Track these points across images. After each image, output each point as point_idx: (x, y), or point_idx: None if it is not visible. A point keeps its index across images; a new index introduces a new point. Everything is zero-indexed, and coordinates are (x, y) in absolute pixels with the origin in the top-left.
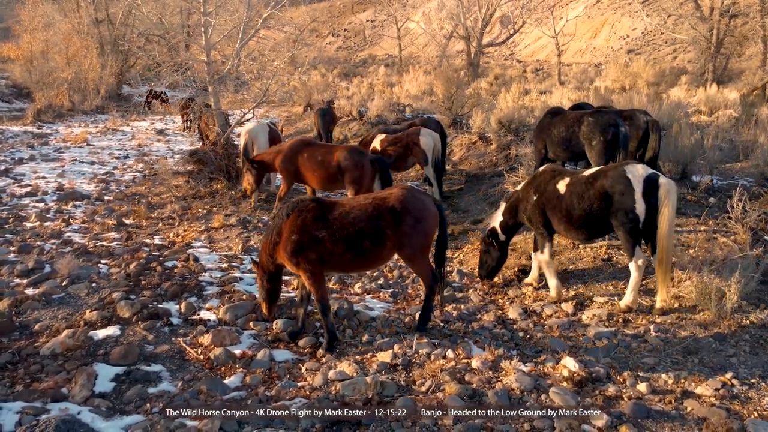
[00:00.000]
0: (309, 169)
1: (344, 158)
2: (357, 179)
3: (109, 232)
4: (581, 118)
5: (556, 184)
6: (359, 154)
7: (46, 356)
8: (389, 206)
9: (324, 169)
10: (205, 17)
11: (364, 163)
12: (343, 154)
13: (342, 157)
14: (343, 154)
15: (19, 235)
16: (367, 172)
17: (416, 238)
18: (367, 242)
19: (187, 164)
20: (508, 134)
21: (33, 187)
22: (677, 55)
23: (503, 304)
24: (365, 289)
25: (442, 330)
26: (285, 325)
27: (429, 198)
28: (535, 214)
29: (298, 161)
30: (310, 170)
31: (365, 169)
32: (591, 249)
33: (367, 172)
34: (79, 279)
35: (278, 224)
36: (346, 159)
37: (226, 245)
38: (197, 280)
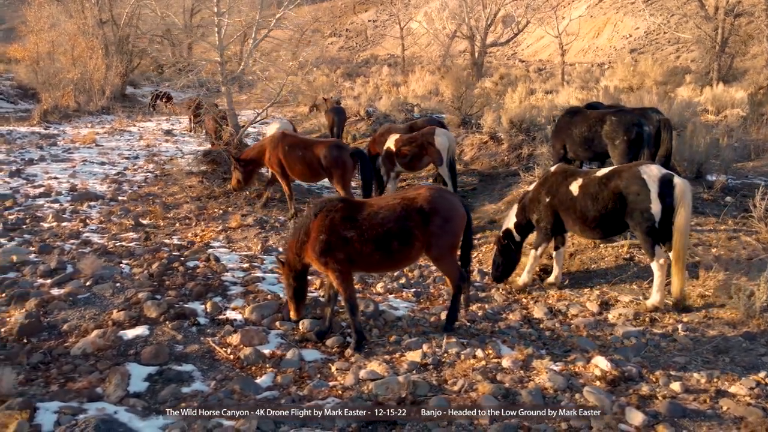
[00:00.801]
0: (290, 162)
1: (324, 153)
2: (338, 173)
3: (127, 232)
4: (604, 118)
5: (568, 186)
6: (339, 148)
7: (78, 356)
8: (417, 206)
9: (305, 163)
10: (219, 17)
11: (345, 158)
12: (324, 149)
13: (322, 152)
14: (324, 149)
15: (37, 236)
16: (348, 166)
17: (444, 238)
18: (396, 242)
19: (200, 164)
20: (519, 134)
21: (46, 188)
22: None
23: (527, 304)
24: (387, 288)
25: (468, 329)
26: (311, 325)
27: (456, 198)
28: (546, 215)
29: (280, 154)
30: (290, 164)
31: (346, 163)
32: (612, 248)
33: (348, 166)
34: (103, 279)
35: (306, 224)
36: (327, 154)
37: (244, 245)
38: (220, 280)
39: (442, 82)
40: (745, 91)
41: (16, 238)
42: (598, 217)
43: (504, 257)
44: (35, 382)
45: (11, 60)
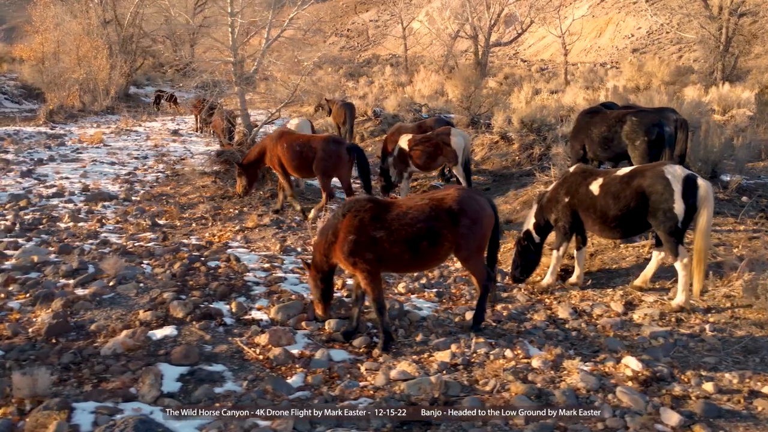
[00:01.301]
0: (288, 158)
1: (321, 147)
2: (334, 167)
3: (144, 232)
4: (623, 118)
5: (588, 186)
6: (336, 143)
7: (108, 356)
8: (447, 207)
9: (303, 158)
10: (232, 18)
11: (341, 152)
12: (321, 143)
13: (320, 146)
14: (321, 144)
15: (55, 236)
16: (344, 161)
17: (473, 238)
18: (425, 243)
19: (213, 164)
20: (530, 134)
21: (59, 188)
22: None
23: (551, 304)
24: (409, 288)
25: (494, 329)
26: (337, 325)
27: (484, 198)
28: (564, 215)
29: (279, 151)
30: (289, 160)
31: (342, 157)
32: (633, 248)
33: (344, 161)
34: (126, 279)
35: (334, 224)
36: (324, 148)
37: (263, 245)
38: (243, 280)
39: (448, 82)
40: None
41: (34, 238)
42: (619, 216)
43: (524, 258)
44: (68, 382)
45: (14, 59)
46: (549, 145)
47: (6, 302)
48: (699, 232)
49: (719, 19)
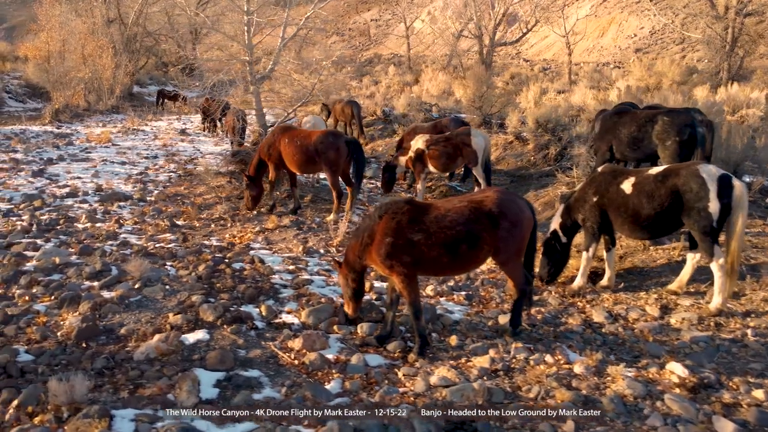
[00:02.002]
0: (289, 153)
1: (320, 141)
2: (333, 160)
3: (164, 233)
4: (654, 118)
5: (619, 185)
6: (335, 136)
7: (142, 361)
8: (486, 210)
9: (302, 152)
10: (249, 16)
11: (340, 145)
12: (320, 136)
13: (319, 139)
14: (320, 137)
15: (73, 237)
16: (342, 153)
17: (512, 242)
18: (464, 246)
19: (228, 164)
20: (545, 134)
21: (72, 188)
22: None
23: (584, 307)
24: (438, 291)
25: (530, 334)
26: (370, 329)
27: (524, 201)
28: (593, 214)
29: (280, 147)
30: (289, 155)
31: (341, 150)
32: (663, 250)
33: (342, 153)
34: (151, 282)
35: (370, 226)
36: (323, 141)
37: (285, 247)
38: (270, 283)
39: (455, 82)
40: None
41: (53, 239)
42: (652, 215)
43: (551, 258)
44: (104, 388)
45: (18, 58)
46: (565, 145)
47: (31, 305)
48: (734, 234)
49: (725, 19)
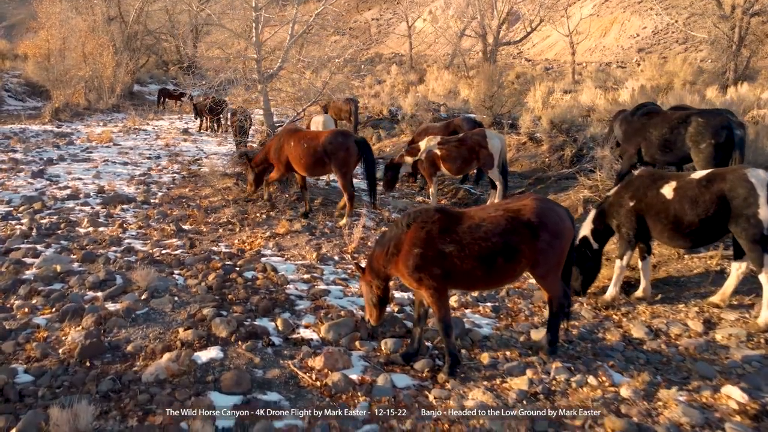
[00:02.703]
0: (296, 156)
1: (329, 141)
2: (343, 161)
3: (170, 238)
4: (688, 119)
5: (659, 189)
6: (344, 135)
7: (152, 383)
8: (525, 220)
9: (311, 154)
10: (257, 12)
11: (349, 145)
12: (329, 137)
13: (327, 140)
14: (329, 137)
15: (75, 242)
16: (353, 153)
17: (552, 254)
18: (501, 259)
19: (235, 165)
20: (559, 134)
21: (73, 189)
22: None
23: (620, 321)
24: (461, 302)
25: (567, 350)
26: (395, 346)
27: (563, 209)
28: (629, 221)
29: (286, 149)
30: (297, 157)
31: (350, 150)
32: (700, 259)
33: (353, 153)
34: (159, 292)
35: (397, 235)
36: (332, 141)
37: (297, 253)
38: (285, 294)
39: (461, 81)
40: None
41: (53, 244)
42: (695, 222)
43: (582, 268)
44: (110, 414)
45: (17, 56)
46: (581, 146)
47: (31, 318)
48: None
49: (732, 18)
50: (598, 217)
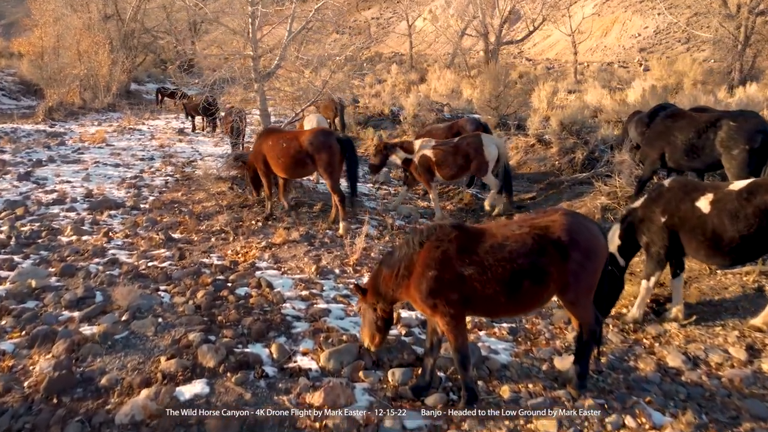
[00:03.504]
0: (274, 156)
1: (311, 140)
2: (328, 161)
3: (158, 248)
4: (718, 122)
5: (694, 202)
6: (326, 134)
7: (125, 426)
8: (554, 238)
9: (290, 154)
10: (253, 7)
11: (332, 144)
12: (309, 135)
13: (308, 139)
14: (310, 137)
15: (56, 252)
16: (336, 152)
17: (584, 277)
18: (527, 283)
19: (230, 169)
20: (569, 137)
21: (59, 193)
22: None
23: (652, 346)
24: (475, 323)
25: (597, 383)
26: (403, 376)
27: (596, 226)
28: (661, 237)
29: (264, 149)
30: (275, 158)
31: (333, 149)
32: (734, 276)
33: (336, 152)
34: (141, 312)
35: (408, 255)
36: (313, 141)
37: (295, 266)
38: (281, 314)
39: (464, 81)
40: None
41: (32, 255)
42: (736, 238)
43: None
44: None
45: (12, 55)
46: (592, 149)
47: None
48: None
49: (738, 18)
50: (627, 233)
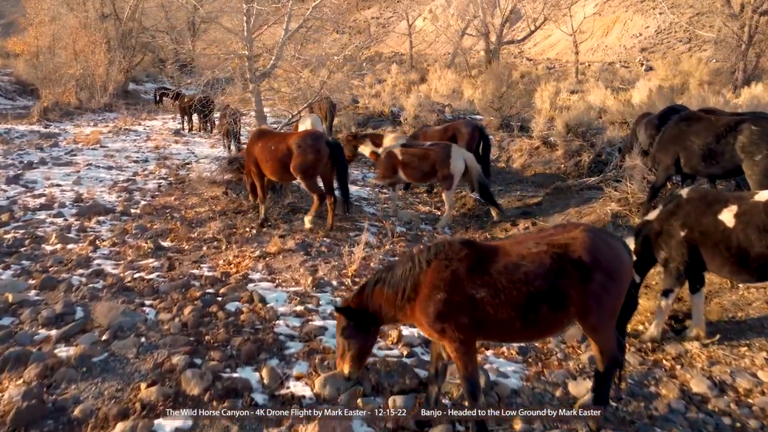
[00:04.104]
0: (264, 159)
1: (298, 143)
2: (313, 164)
3: (146, 258)
4: (738, 126)
5: (716, 215)
6: (314, 137)
7: None
8: (574, 257)
9: (278, 158)
10: (248, 5)
11: (320, 146)
12: (297, 137)
13: (295, 142)
14: (297, 139)
15: (38, 262)
16: (323, 155)
17: (608, 300)
18: (545, 307)
19: (224, 173)
20: (575, 139)
21: (48, 198)
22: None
23: (672, 368)
24: (482, 342)
25: (617, 412)
26: (405, 403)
27: (621, 243)
28: (680, 254)
29: (254, 151)
30: (264, 161)
31: (321, 152)
32: (757, 290)
33: (323, 155)
34: (123, 331)
35: (414, 274)
36: (300, 143)
37: (290, 277)
38: (273, 333)
39: (465, 81)
40: None
41: (13, 265)
42: (765, 254)
43: None
44: None
45: (9, 54)
46: (599, 151)
47: None
48: None
49: (741, 17)
50: (644, 247)
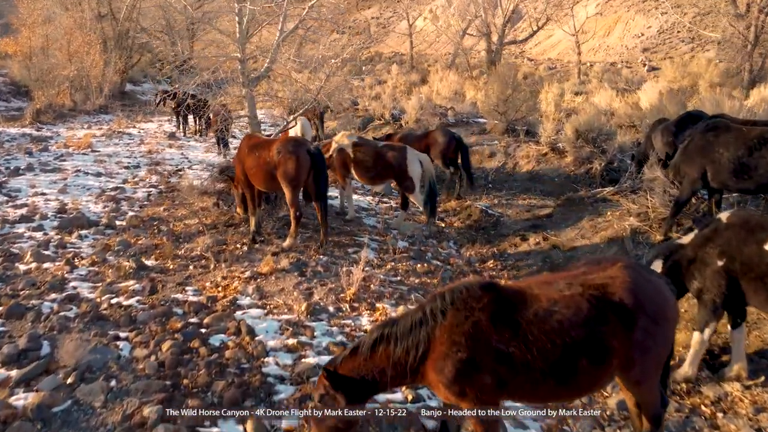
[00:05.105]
0: (250, 167)
1: (278, 149)
2: (292, 172)
3: (126, 279)
4: None
5: (762, 244)
6: (295, 144)
7: None
8: (615, 300)
9: (263, 165)
10: (240, 5)
11: (300, 154)
12: (278, 145)
13: (277, 148)
14: (278, 146)
15: (9, 284)
16: (304, 164)
17: (654, 349)
18: (584, 361)
19: (215, 182)
20: (585, 145)
21: (30, 208)
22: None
23: (713, 415)
24: None
25: None
26: None
27: (663, 281)
28: (717, 284)
29: (242, 158)
30: (251, 168)
31: (301, 159)
32: None
33: (304, 164)
34: (91, 372)
35: (428, 327)
36: (280, 150)
37: (282, 302)
38: (261, 374)
39: (467, 83)
40: None
41: None
42: None
43: None
44: None
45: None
46: (611, 159)
47: None
48: None
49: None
50: (674, 274)
